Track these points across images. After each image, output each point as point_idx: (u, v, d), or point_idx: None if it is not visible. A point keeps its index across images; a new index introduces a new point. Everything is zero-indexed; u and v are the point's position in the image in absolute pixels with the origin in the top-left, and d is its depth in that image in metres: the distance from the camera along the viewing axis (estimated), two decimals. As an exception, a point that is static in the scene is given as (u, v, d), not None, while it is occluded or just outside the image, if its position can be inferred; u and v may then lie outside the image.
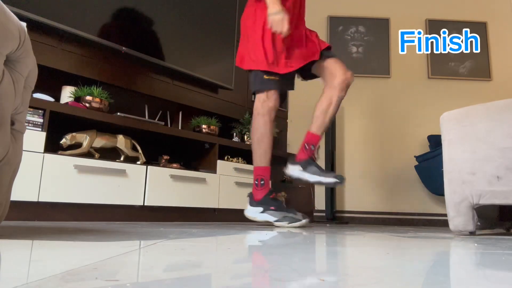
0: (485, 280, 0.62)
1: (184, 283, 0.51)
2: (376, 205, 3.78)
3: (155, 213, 2.35)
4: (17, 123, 0.99)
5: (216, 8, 3.26)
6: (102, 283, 0.47)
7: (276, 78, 2.10)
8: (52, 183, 1.90)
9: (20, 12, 2.01)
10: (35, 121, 1.92)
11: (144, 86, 2.72)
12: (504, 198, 1.65)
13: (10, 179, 1.01)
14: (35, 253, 0.77)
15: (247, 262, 0.78)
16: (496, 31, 4.04)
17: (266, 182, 2.12)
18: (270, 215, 2.07)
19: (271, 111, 2.12)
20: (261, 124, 2.12)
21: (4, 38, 0.86)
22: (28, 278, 0.50)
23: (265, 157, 2.13)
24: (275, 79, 2.10)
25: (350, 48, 4.05)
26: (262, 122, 2.11)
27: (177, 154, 2.82)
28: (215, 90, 3.20)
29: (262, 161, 2.13)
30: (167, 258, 0.75)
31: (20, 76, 0.97)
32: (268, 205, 2.09)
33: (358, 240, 1.43)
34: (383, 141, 3.91)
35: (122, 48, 2.48)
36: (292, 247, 1.11)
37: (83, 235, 1.17)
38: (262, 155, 2.13)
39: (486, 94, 3.82)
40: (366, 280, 0.57)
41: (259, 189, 2.12)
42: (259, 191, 2.12)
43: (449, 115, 1.88)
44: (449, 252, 1.14)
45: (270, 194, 2.12)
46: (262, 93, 2.12)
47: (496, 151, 1.68)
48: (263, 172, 2.13)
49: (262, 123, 2.12)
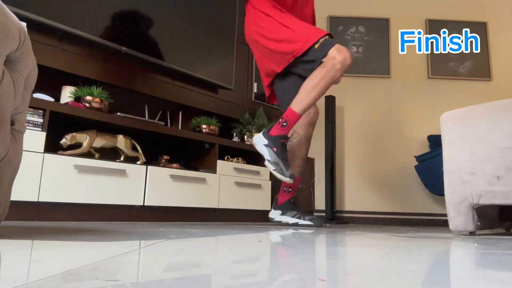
0: (485, 280, 0.62)
1: (184, 283, 0.51)
2: (376, 205, 3.77)
3: (155, 213, 2.35)
4: (17, 123, 0.99)
5: (216, 8, 3.26)
6: (102, 283, 0.47)
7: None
8: (52, 183, 1.90)
9: (20, 12, 2.01)
10: (35, 121, 1.92)
11: (144, 86, 2.72)
12: (504, 198, 1.65)
13: (10, 179, 1.01)
14: (35, 253, 0.77)
15: (247, 262, 0.78)
16: (496, 31, 4.04)
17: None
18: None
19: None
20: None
21: (4, 38, 0.86)
22: (28, 278, 0.50)
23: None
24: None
25: (350, 48, 4.04)
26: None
27: (177, 154, 2.82)
28: (215, 90, 3.20)
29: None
30: (167, 258, 0.75)
31: (20, 76, 0.97)
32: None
33: (358, 240, 1.43)
34: (383, 141, 3.91)
35: (122, 48, 2.48)
36: (292, 247, 1.11)
37: (83, 235, 1.17)
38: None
39: (486, 94, 3.81)
40: (366, 280, 0.57)
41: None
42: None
43: (449, 115, 1.88)
44: (449, 252, 1.14)
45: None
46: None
47: (496, 151, 1.68)
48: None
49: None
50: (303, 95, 1.92)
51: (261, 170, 3.03)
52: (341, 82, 2.09)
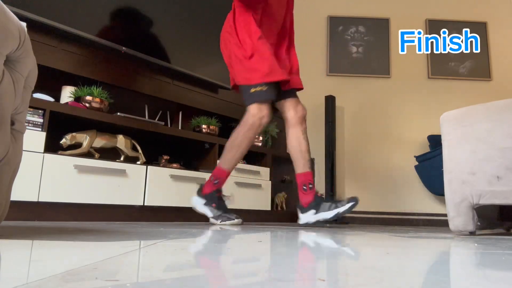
0: (485, 280, 0.62)
1: (184, 283, 0.51)
2: (376, 205, 3.77)
3: (155, 213, 2.35)
4: (17, 123, 0.99)
5: (216, 8, 3.25)
6: (102, 283, 0.47)
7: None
8: (52, 183, 1.90)
9: (20, 12, 2.01)
10: (35, 121, 1.92)
11: (144, 86, 2.72)
12: (504, 198, 1.65)
13: (10, 179, 1.01)
14: (35, 253, 0.77)
15: (247, 262, 0.78)
16: (496, 31, 4.04)
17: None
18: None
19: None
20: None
21: (4, 38, 0.86)
22: (28, 278, 0.50)
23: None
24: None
25: (350, 48, 4.04)
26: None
27: (177, 154, 2.82)
28: (215, 90, 3.20)
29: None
30: (167, 258, 0.75)
31: (20, 76, 0.97)
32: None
33: (358, 240, 1.43)
34: (383, 141, 3.90)
35: (122, 48, 2.48)
36: (292, 247, 1.11)
37: (83, 235, 1.17)
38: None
39: (486, 94, 3.81)
40: (366, 280, 0.57)
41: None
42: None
43: (449, 115, 1.88)
44: (449, 252, 1.14)
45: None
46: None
47: (496, 151, 1.68)
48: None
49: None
50: (229, 155, 2.15)
51: (261, 170, 3.03)
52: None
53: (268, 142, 3.36)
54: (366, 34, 4.08)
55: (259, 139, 3.24)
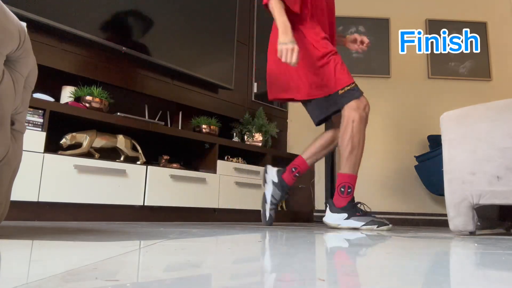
0: (485, 280, 0.62)
1: (184, 283, 0.51)
2: (376, 205, 3.76)
3: (155, 213, 2.35)
4: (17, 123, 0.99)
5: (216, 8, 3.26)
6: (102, 283, 0.47)
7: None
8: (52, 183, 1.90)
9: (20, 12, 2.01)
10: (35, 121, 1.92)
11: (144, 86, 2.72)
12: (504, 198, 1.65)
13: (10, 179, 1.01)
14: (35, 253, 0.77)
15: (247, 262, 0.78)
16: (496, 31, 4.04)
17: (353, 190, 2.10)
18: (356, 221, 2.03)
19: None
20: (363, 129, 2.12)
21: (4, 38, 0.86)
22: (28, 278, 0.50)
23: (359, 165, 2.14)
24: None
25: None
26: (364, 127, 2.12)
27: (177, 154, 2.82)
28: (215, 90, 3.20)
29: (355, 169, 2.12)
30: (167, 258, 0.75)
31: (20, 76, 0.97)
32: (353, 211, 2.05)
33: (358, 240, 1.43)
34: (383, 141, 3.90)
35: (122, 48, 2.48)
36: (292, 247, 1.11)
37: (83, 235, 1.17)
38: (357, 163, 2.13)
39: (486, 94, 3.81)
40: (366, 280, 0.57)
41: (344, 196, 2.08)
42: (344, 198, 2.08)
43: (449, 115, 1.88)
44: (449, 252, 1.14)
45: (353, 200, 2.09)
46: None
47: (496, 151, 1.68)
48: (353, 181, 2.11)
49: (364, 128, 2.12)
50: (352, 159, 2.10)
51: (261, 170, 3.02)
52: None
53: (268, 142, 3.35)
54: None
55: (258, 139, 3.24)
